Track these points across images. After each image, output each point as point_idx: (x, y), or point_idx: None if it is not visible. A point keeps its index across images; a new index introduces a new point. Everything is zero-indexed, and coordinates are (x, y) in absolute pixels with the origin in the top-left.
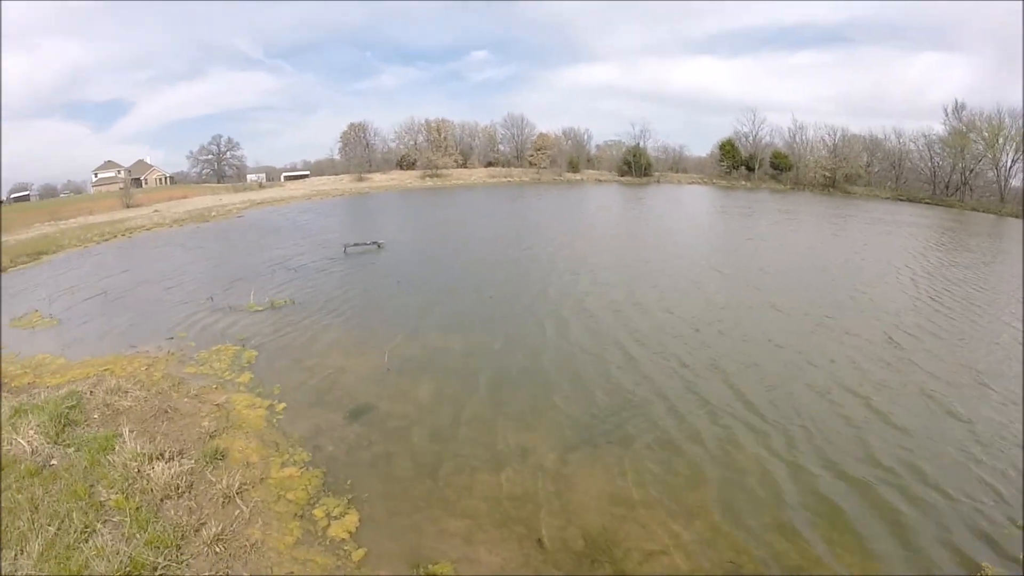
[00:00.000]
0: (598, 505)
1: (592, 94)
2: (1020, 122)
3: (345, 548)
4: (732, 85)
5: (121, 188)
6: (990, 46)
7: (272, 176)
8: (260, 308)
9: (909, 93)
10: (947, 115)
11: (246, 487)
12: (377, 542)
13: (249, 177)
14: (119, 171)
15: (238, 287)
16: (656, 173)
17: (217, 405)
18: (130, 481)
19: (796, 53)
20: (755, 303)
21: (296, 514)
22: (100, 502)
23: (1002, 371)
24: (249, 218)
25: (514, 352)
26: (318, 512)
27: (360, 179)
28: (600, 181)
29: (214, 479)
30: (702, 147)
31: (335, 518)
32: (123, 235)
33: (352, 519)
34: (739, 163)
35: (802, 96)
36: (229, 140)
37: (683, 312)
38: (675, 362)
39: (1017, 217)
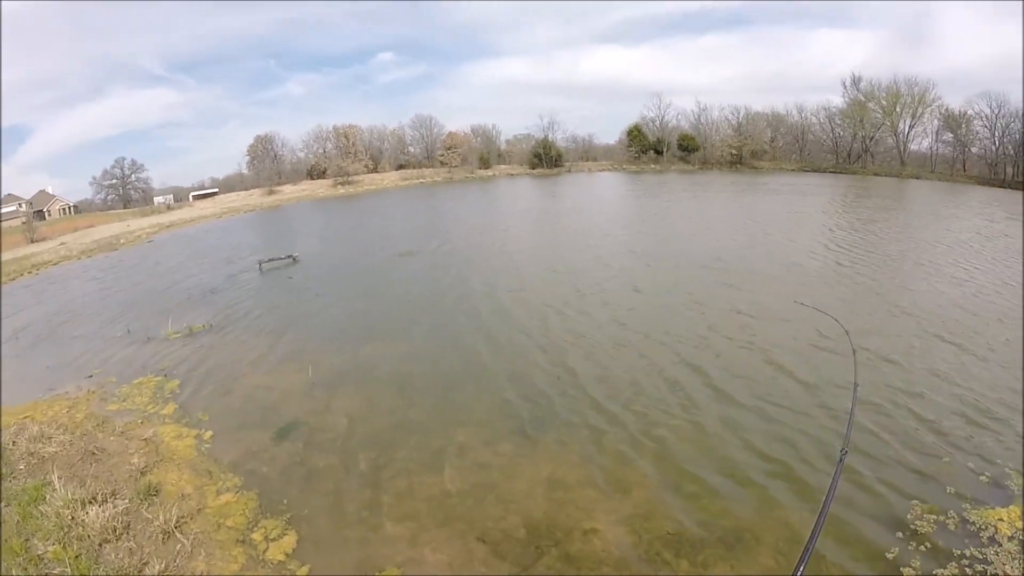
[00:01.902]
0: (536, 492)
1: (502, 89)
2: (915, 90)
3: (289, 567)
4: (640, 72)
5: (24, 222)
6: (886, 22)
7: (180, 196)
8: (178, 335)
9: (811, 69)
10: (845, 88)
11: (184, 520)
12: (320, 557)
13: (156, 200)
14: (20, 204)
15: (154, 315)
16: (567, 163)
17: (144, 440)
18: (66, 530)
19: (701, 37)
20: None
21: (237, 540)
22: (38, 556)
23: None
24: (159, 242)
25: (438, 353)
26: (257, 536)
27: (270, 192)
28: (512, 175)
29: (151, 516)
30: (611, 135)
31: (275, 539)
32: (29, 272)
33: (292, 538)
34: (647, 147)
35: (708, 78)
36: (133, 162)
37: (601, 299)
38: (594, 346)
39: (918, 178)
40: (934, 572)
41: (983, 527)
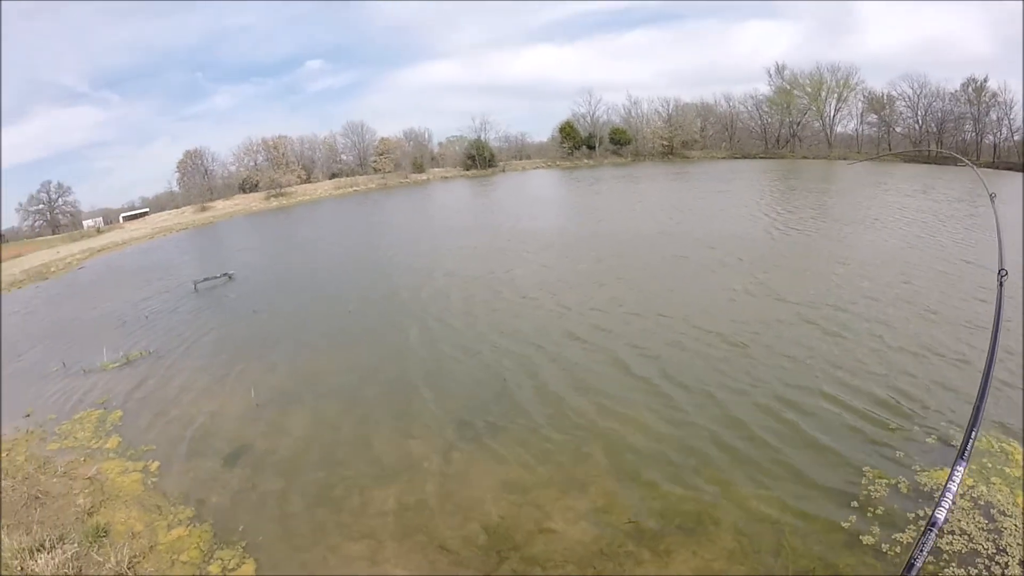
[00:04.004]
0: (492, 496)
1: (434, 93)
2: (839, 75)
3: None
4: (571, 70)
5: None
6: (810, 12)
7: (110, 218)
8: (116, 364)
9: (737, 61)
10: (771, 76)
11: (137, 559)
12: None
13: (85, 223)
14: None
15: (90, 346)
16: (500, 163)
17: (89, 479)
18: None
19: (629, 33)
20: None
21: (194, 575)
22: None
23: None
24: (91, 268)
25: (381, 363)
26: (214, 568)
27: (203, 209)
28: (446, 178)
29: (102, 559)
30: (544, 133)
31: (233, 570)
32: None
33: (250, 567)
34: (580, 143)
35: (639, 74)
36: (59, 185)
37: (542, 299)
38: (535, 345)
39: (846, 159)
40: (893, 536)
41: (935, 488)
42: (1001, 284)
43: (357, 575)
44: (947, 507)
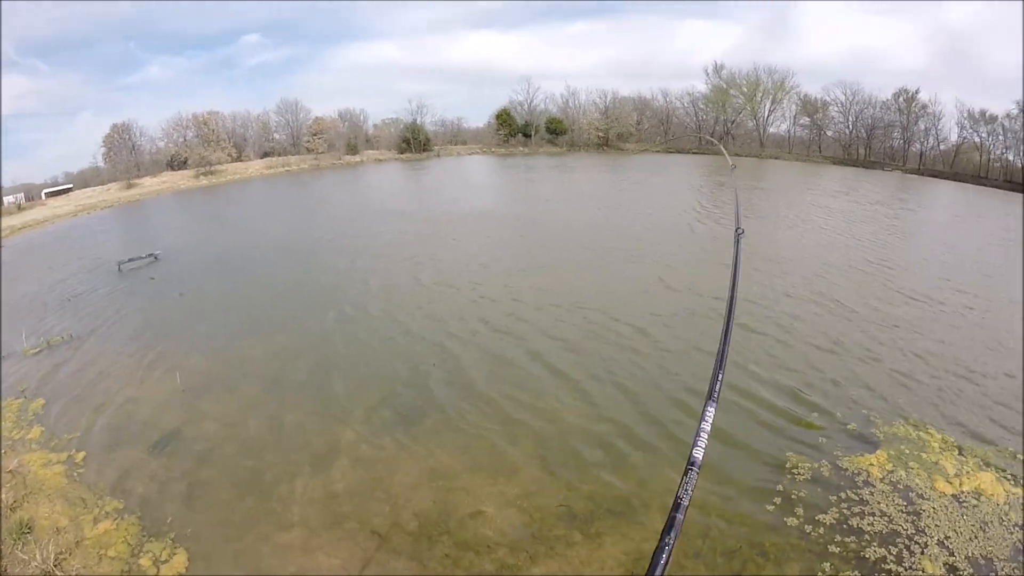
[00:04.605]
0: (422, 483)
1: (373, 72)
2: (775, 77)
3: None
4: (511, 57)
5: None
6: (749, 15)
7: (32, 195)
8: (36, 350)
9: (677, 56)
10: (708, 75)
11: (63, 556)
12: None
13: (5, 199)
14: None
15: (8, 330)
16: (435, 147)
17: (10, 472)
18: None
19: (571, 23)
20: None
21: (123, 570)
22: None
23: None
24: (9, 247)
25: (307, 348)
26: (145, 561)
27: (129, 186)
28: (380, 160)
29: (27, 556)
30: (481, 118)
31: (164, 562)
32: None
33: (181, 559)
34: (516, 131)
35: (578, 64)
36: None
37: (465, 281)
38: (462, 329)
39: (777, 159)
40: (816, 517)
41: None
42: (737, 241)
43: (288, 565)
44: (702, 446)
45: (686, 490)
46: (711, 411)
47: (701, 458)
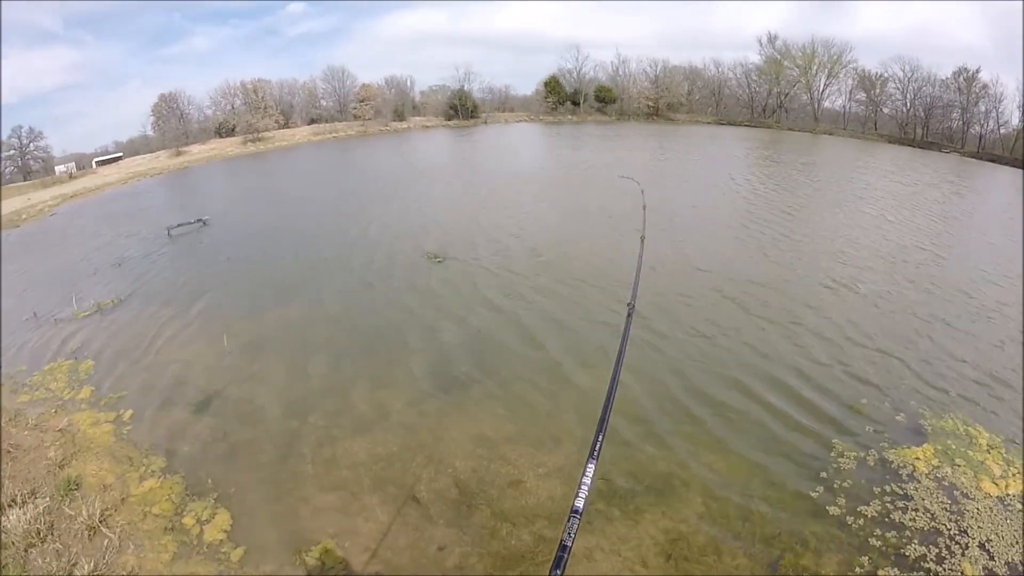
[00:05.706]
0: (464, 450)
1: (416, 42)
2: (832, 50)
3: (223, 551)
4: (558, 25)
5: None
6: None
7: (83, 164)
8: (87, 313)
9: (730, 27)
10: (761, 45)
11: (109, 512)
12: (254, 536)
13: (57, 169)
14: None
15: (61, 294)
16: (483, 114)
17: (60, 431)
18: None
19: None
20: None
21: (166, 528)
22: None
23: None
24: (63, 214)
25: (354, 313)
26: (188, 520)
27: (177, 153)
28: (427, 127)
29: (74, 512)
30: (528, 86)
31: (206, 522)
32: None
33: (223, 518)
34: (564, 99)
35: (626, 33)
36: (31, 130)
37: (522, 247)
38: (517, 298)
39: (831, 134)
40: (858, 508)
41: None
42: (629, 314)
43: (328, 526)
44: (584, 497)
45: (569, 534)
46: (591, 468)
47: (583, 507)
